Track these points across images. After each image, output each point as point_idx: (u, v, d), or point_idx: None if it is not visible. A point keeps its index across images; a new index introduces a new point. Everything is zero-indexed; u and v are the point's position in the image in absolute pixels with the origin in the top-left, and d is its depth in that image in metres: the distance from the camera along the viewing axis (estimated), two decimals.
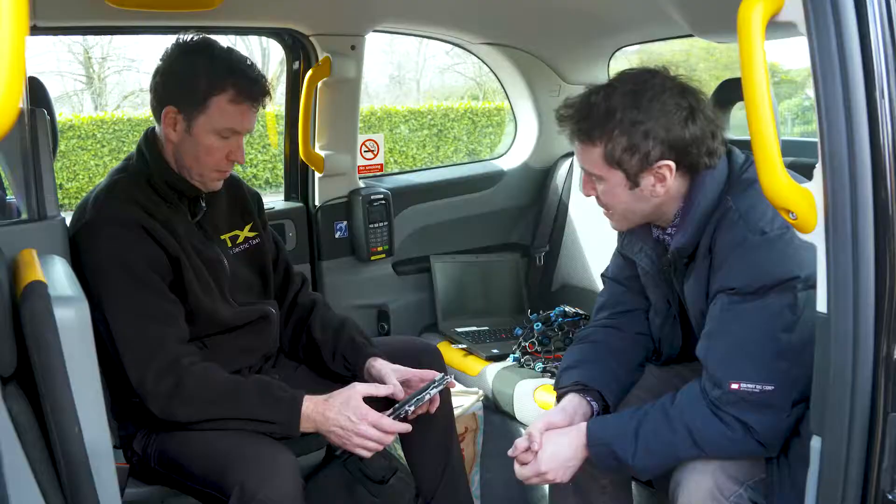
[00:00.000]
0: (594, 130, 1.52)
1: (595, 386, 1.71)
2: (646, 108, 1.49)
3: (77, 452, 1.14)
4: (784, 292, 1.42)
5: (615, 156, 1.51)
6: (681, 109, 1.50)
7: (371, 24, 2.60)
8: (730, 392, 1.46)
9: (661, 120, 1.49)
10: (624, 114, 1.49)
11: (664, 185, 1.54)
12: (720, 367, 1.48)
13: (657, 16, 2.56)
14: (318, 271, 2.74)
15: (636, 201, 1.57)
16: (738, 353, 1.46)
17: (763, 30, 1.12)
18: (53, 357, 1.12)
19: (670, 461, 1.55)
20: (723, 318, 1.49)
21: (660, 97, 1.50)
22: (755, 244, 1.45)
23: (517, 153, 3.25)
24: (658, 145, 1.49)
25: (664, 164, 1.51)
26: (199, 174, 1.77)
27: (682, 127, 1.49)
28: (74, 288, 1.24)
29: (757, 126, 1.12)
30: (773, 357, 1.44)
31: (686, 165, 1.53)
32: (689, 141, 1.50)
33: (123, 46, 13.96)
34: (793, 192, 1.13)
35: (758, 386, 1.44)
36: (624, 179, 1.54)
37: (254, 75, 1.73)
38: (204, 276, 1.78)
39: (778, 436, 1.47)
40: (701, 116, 1.51)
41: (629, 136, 1.49)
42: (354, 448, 1.66)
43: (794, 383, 1.43)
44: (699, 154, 1.51)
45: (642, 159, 1.50)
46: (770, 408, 1.45)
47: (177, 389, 1.62)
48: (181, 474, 1.68)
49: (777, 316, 1.43)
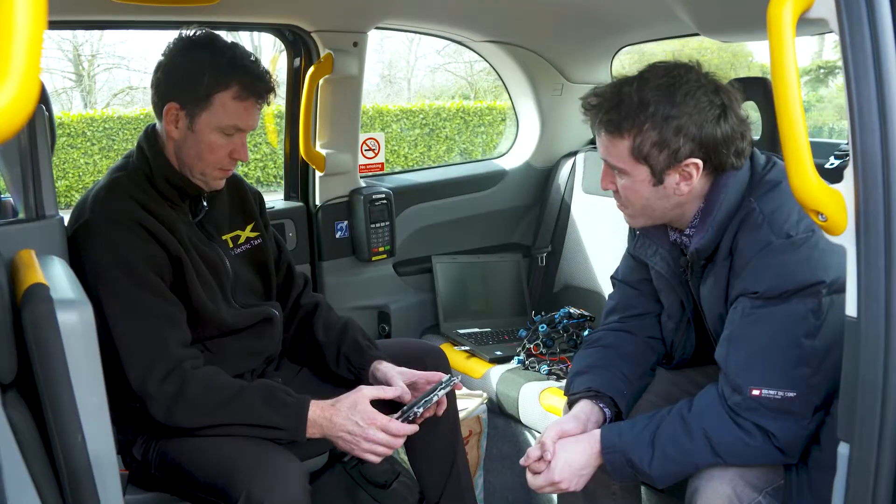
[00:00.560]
0: (624, 122, 1.47)
1: (607, 392, 1.68)
2: (680, 103, 1.44)
3: (80, 462, 1.09)
4: (808, 297, 1.40)
5: (643, 150, 1.46)
6: (714, 107, 1.46)
7: (374, 20, 2.56)
8: (750, 398, 1.43)
9: (695, 117, 1.44)
10: (657, 107, 1.45)
11: (689, 183, 1.50)
12: (741, 373, 1.45)
13: (663, 14, 2.53)
14: (319, 272, 2.70)
15: (657, 199, 1.53)
16: (760, 358, 1.43)
17: (794, 26, 1.09)
18: (56, 363, 1.07)
19: (688, 469, 1.52)
20: (744, 322, 1.46)
21: (694, 93, 1.45)
22: (780, 248, 1.42)
23: (519, 152, 3.22)
24: (689, 142, 1.45)
25: (692, 163, 1.47)
26: (201, 172, 1.73)
27: (714, 125, 1.45)
28: (77, 290, 1.19)
29: (787, 125, 1.09)
30: (795, 363, 1.41)
31: (713, 165, 1.49)
32: (719, 140, 1.46)
33: (113, 44, 13.89)
34: (823, 193, 1.10)
35: (779, 392, 1.41)
36: (649, 175, 1.49)
37: (259, 71, 1.69)
38: (206, 277, 1.74)
39: (798, 443, 1.45)
40: (733, 116, 1.47)
41: (660, 130, 1.44)
42: (363, 454, 1.62)
43: (816, 390, 1.41)
44: (728, 154, 1.48)
45: (671, 156, 1.46)
46: (791, 415, 1.42)
47: (179, 394, 1.58)
48: (183, 481, 1.64)
49: (801, 321, 1.40)
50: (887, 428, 1.10)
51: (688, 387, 1.81)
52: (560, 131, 3.17)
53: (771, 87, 2.27)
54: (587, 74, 3.10)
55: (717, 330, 1.60)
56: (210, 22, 2.18)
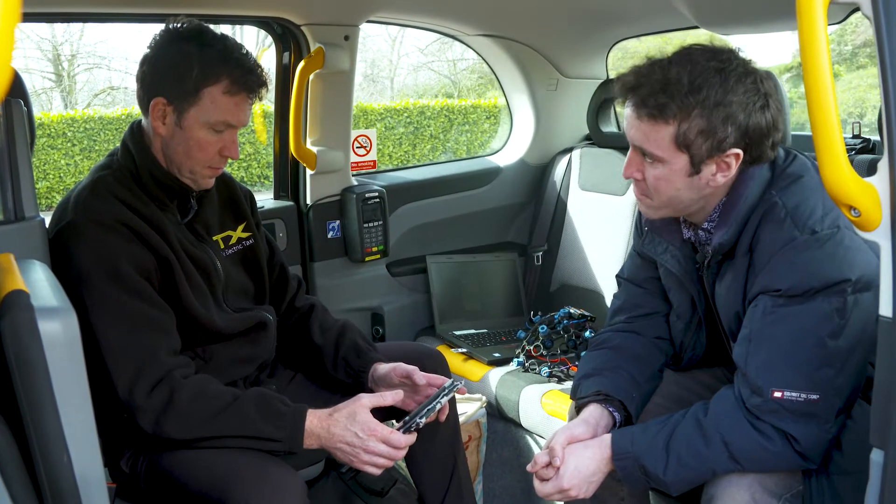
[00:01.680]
0: (671, 106, 1.37)
1: (617, 395, 1.62)
2: (731, 90, 1.36)
3: (65, 484, 1.01)
4: (833, 295, 1.34)
5: (688, 138, 1.38)
6: (759, 95, 1.39)
7: (365, 13, 2.49)
8: (771, 400, 1.38)
9: (744, 104, 1.37)
10: (709, 92, 1.36)
11: (726, 174, 1.43)
12: (761, 374, 1.39)
13: (661, 7, 2.48)
14: (310, 273, 2.62)
15: (688, 189, 1.45)
16: (782, 359, 1.38)
17: (825, 13, 1.03)
18: (39, 376, 0.99)
19: (705, 475, 1.46)
20: (765, 321, 1.40)
21: (744, 80, 1.37)
22: (804, 244, 1.37)
23: (513, 149, 3.16)
24: (735, 131, 1.38)
25: (733, 153, 1.40)
26: (189, 171, 1.65)
27: (760, 114, 1.38)
28: (60, 297, 1.11)
29: (820, 117, 1.03)
30: (818, 364, 1.36)
31: (752, 156, 1.42)
32: (763, 130, 1.39)
33: (94, 44, 13.72)
34: (856, 187, 1.04)
35: (802, 394, 1.36)
36: (687, 164, 1.41)
37: (250, 64, 1.62)
38: (196, 281, 1.66)
39: (820, 448, 1.40)
40: (774, 105, 1.41)
41: (709, 117, 1.36)
42: (363, 465, 1.54)
43: (839, 392, 1.37)
44: (768, 145, 1.41)
45: (715, 145, 1.38)
46: (813, 417, 1.37)
47: (169, 404, 1.50)
48: (174, 494, 1.56)
49: (825, 321, 1.34)
50: None
51: (696, 388, 1.76)
52: (555, 127, 3.12)
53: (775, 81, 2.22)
54: (582, 69, 3.05)
55: (733, 329, 1.54)
56: (195, 14, 2.09)
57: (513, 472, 2.41)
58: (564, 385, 2.27)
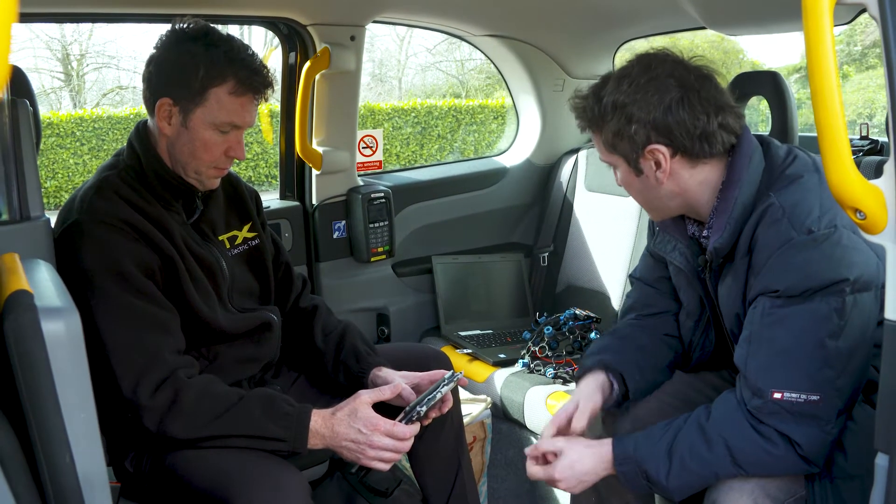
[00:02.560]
0: (592, 120, 1.52)
1: (618, 367, 1.66)
2: (628, 92, 1.45)
3: (68, 484, 1.02)
4: (831, 296, 1.33)
5: (611, 142, 1.49)
6: (670, 92, 1.43)
7: (372, 13, 2.49)
8: (771, 401, 1.37)
9: (642, 103, 1.43)
10: (609, 99, 1.47)
11: (663, 171, 1.47)
12: (761, 376, 1.39)
13: (668, 7, 2.48)
14: (316, 273, 2.63)
15: (647, 189, 1.52)
16: (782, 360, 1.37)
17: (831, 13, 1.02)
18: (41, 376, 1.00)
19: (708, 480, 1.46)
20: (764, 322, 1.40)
21: (655, 82, 1.44)
22: (801, 244, 1.36)
23: (520, 149, 3.16)
24: (641, 128, 1.44)
25: (654, 149, 1.45)
26: (195, 171, 1.65)
27: (664, 111, 1.43)
28: (64, 297, 1.11)
29: (825, 119, 1.02)
30: (819, 365, 1.35)
31: (680, 150, 1.45)
32: (672, 125, 1.43)
33: (102, 43, 13.77)
34: (862, 189, 1.03)
35: (802, 395, 1.35)
36: (627, 165, 1.50)
37: (255, 65, 1.62)
38: (201, 281, 1.66)
39: (822, 450, 1.39)
40: (695, 99, 1.43)
41: (616, 120, 1.46)
42: (370, 462, 1.54)
43: (840, 393, 1.36)
44: (690, 138, 1.44)
45: (632, 144, 1.46)
46: (814, 419, 1.36)
47: (174, 404, 1.50)
48: (178, 494, 1.56)
49: (824, 321, 1.34)
50: None
51: (705, 390, 1.76)
52: (561, 128, 3.11)
53: (781, 81, 2.21)
54: (589, 69, 3.04)
55: (735, 330, 1.54)
56: (202, 15, 2.10)
57: (517, 473, 2.40)
58: (569, 387, 2.27)
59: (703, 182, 1.49)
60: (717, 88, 1.47)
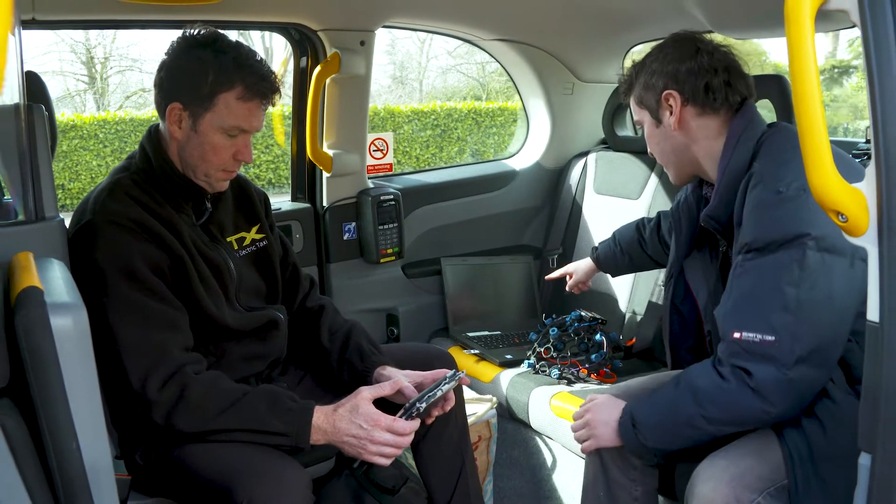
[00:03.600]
0: (629, 82, 1.80)
1: None
2: (655, 54, 1.74)
3: (75, 470, 1.06)
4: (794, 248, 1.44)
5: (639, 96, 1.75)
6: (684, 47, 1.70)
7: (381, 19, 2.53)
8: (732, 342, 1.48)
9: (663, 59, 1.71)
10: (642, 61, 1.76)
11: (674, 115, 1.69)
12: (726, 320, 1.51)
13: (674, 11, 2.49)
14: (326, 274, 2.67)
15: (665, 139, 1.74)
16: (743, 304, 1.49)
17: (813, 19, 1.04)
18: (49, 368, 1.04)
19: (674, 419, 1.56)
20: (735, 275, 1.53)
21: (669, 43, 1.73)
22: (770, 202, 1.49)
23: (529, 153, 3.18)
24: (661, 78, 1.70)
25: (668, 94, 1.68)
26: (204, 174, 1.70)
27: (678, 62, 1.68)
28: (72, 294, 1.16)
29: (807, 123, 1.04)
30: (776, 309, 1.44)
31: (689, 93, 1.67)
32: (683, 72, 1.67)
33: (126, 46, 13.95)
34: (843, 192, 1.05)
35: (758, 335, 1.44)
36: (650, 117, 1.74)
37: (263, 71, 1.66)
38: (209, 280, 1.71)
39: (777, 391, 1.44)
40: (704, 55, 1.67)
41: (646, 77, 1.73)
42: (372, 457, 1.57)
43: (798, 339, 1.43)
44: (696, 84, 1.66)
45: (655, 93, 1.71)
46: (771, 360, 1.44)
47: (181, 399, 1.55)
48: (185, 487, 1.61)
49: (784, 269, 1.44)
50: None
51: None
52: (571, 131, 3.13)
53: (786, 85, 2.24)
54: (598, 73, 3.06)
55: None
56: (215, 21, 2.16)
57: (522, 472, 2.43)
58: (574, 387, 2.29)
59: (707, 137, 1.68)
60: (729, 56, 1.70)
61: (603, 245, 2.40)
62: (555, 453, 2.33)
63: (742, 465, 1.49)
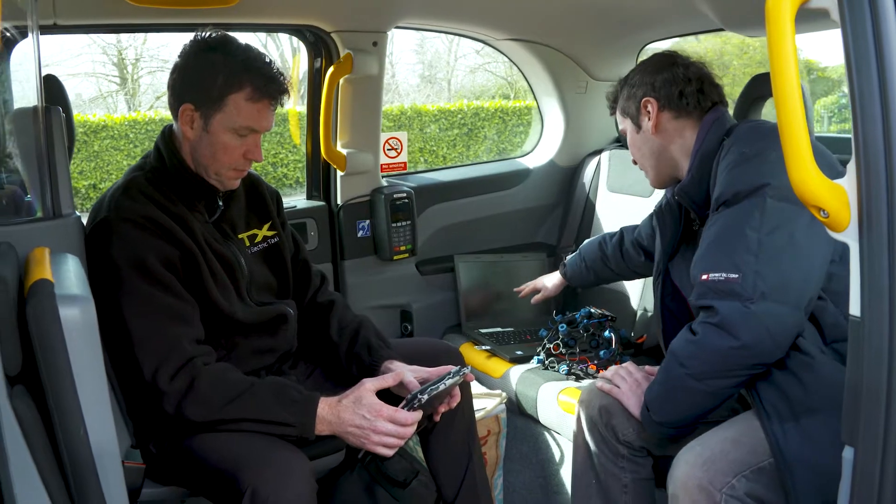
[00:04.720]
0: (614, 97, 1.99)
1: None
2: (637, 69, 1.93)
3: (83, 454, 1.12)
4: (755, 197, 1.56)
5: (623, 107, 1.94)
6: (661, 62, 1.88)
7: (393, 20, 2.57)
8: (700, 283, 1.58)
9: (643, 72, 1.90)
10: (626, 77, 1.95)
11: (651, 120, 1.85)
12: (695, 266, 1.62)
13: (686, 10, 2.50)
14: (340, 271, 2.72)
15: (645, 143, 1.89)
16: (712, 250, 1.60)
17: (792, 18, 1.06)
18: (58, 357, 1.11)
19: (667, 386, 1.65)
20: (707, 230, 1.66)
21: (649, 60, 1.92)
22: (736, 162, 1.64)
23: (543, 151, 3.20)
24: (640, 88, 1.88)
25: (647, 100, 1.86)
26: (216, 172, 1.75)
27: (656, 73, 1.87)
28: (82, 287, 1.22)
29: (786, 119, 1.07)
30: (739, 250, 1.54)
31: (665, 99, 1.84)
32: (659, 81, 1.85)
33: (157, 48, 14.15)
34: (824, 187, 1.07)
35: (723, 274, 1.54)
36: (632, 124, 1.92)
37: (271, 73, 1.71)
38: (220, 276, 1.76)
39: (741, 323, 1.50)
40: (680, 67, 1.85)
41: (627, 89, 1.92)
42: (374, 447, 1.62)
43: (760, 276, 1.51)
44: (671, 91, 1.83)
45: (635, 102, 1.88)
46: (735, 296, 1.52)
47: (190, 389, 1.60)
48: (195, 475, 1.67)
49: (747, 215, 1.56)
50: (892, 431, 1.07)
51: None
52: (585, 129, 3.15)
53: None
54: (612, 72, 3.07)
55: None
56: (230, 24, 2.21)
57: (531, 467, 2.45)
58: (582, 383, 2.31)
59: (682, 136, 1.84)
60: (703, 69, 1.88)
61: (570, 260, 2.56)
62: (563, 448, 2.35)
63: (716, 450, 1.53)
